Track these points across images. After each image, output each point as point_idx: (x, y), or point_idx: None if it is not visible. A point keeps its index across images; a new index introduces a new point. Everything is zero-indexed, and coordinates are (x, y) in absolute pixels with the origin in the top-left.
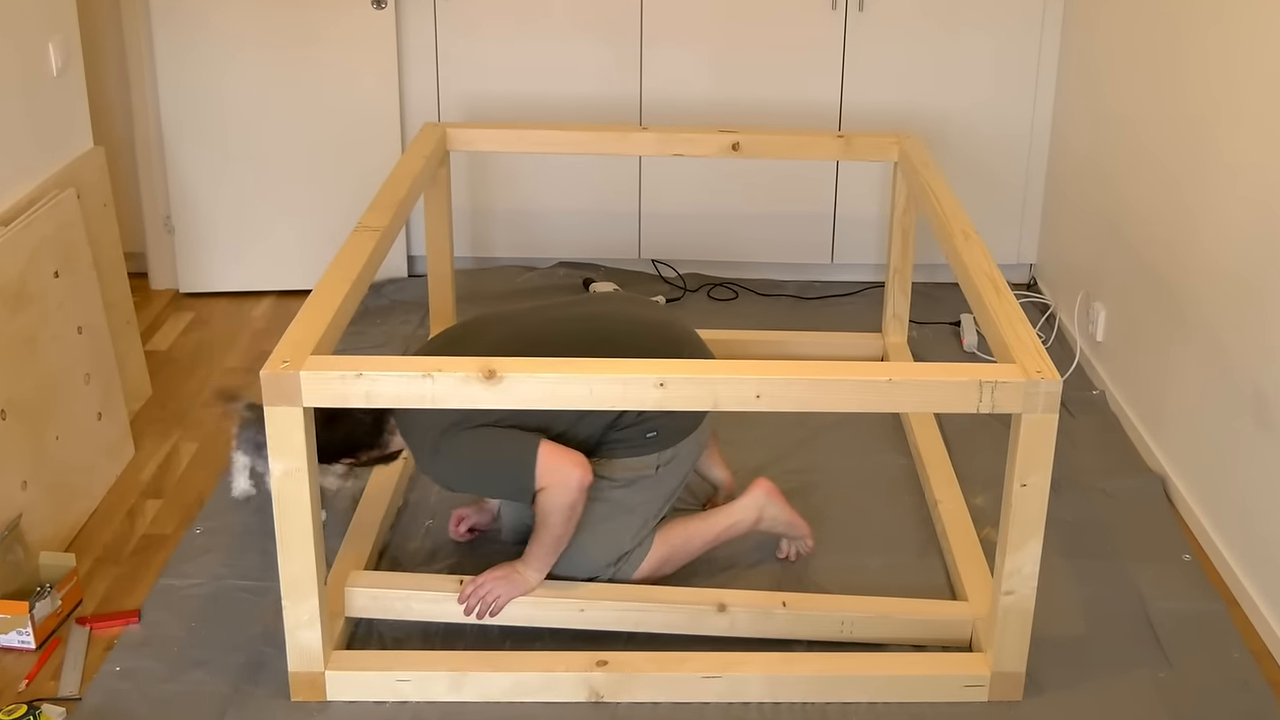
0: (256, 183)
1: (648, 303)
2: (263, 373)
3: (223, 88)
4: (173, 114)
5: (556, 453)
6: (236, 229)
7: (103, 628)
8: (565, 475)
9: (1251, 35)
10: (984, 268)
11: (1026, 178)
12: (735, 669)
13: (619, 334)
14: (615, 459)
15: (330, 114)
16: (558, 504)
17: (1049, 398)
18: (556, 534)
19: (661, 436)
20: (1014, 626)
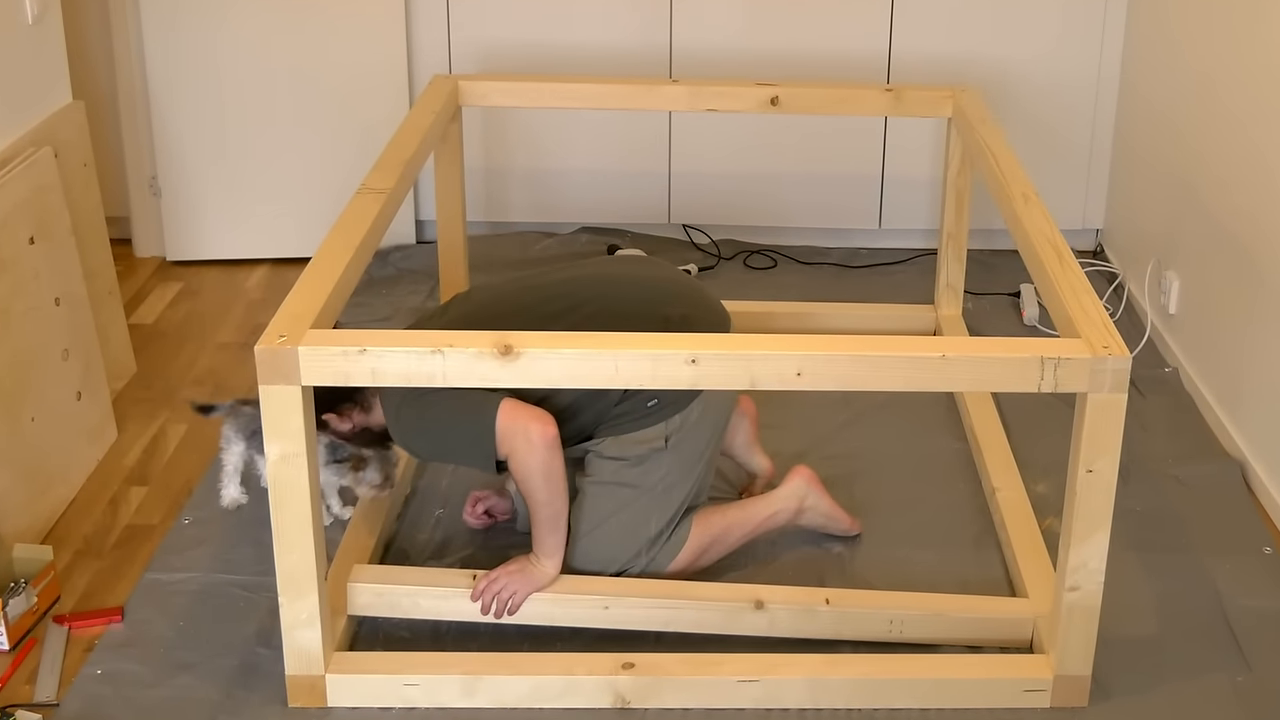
0: (251, 141)
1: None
2: (257, 348)
3: (214, 36)
4: (159, 65)
5: (514, 410)
6: (229, 191)
7: (82, 627)
8: (525, 431)
9: None
10: (1046, 233)
11: (1093, 135)
12: (774, 672)
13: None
14: (621, 435)
15: (331, 65)
16: (529, 468)
17: (1117, 376)
18: (545, 505)
19: (663, 403)
20: (1079, 626)
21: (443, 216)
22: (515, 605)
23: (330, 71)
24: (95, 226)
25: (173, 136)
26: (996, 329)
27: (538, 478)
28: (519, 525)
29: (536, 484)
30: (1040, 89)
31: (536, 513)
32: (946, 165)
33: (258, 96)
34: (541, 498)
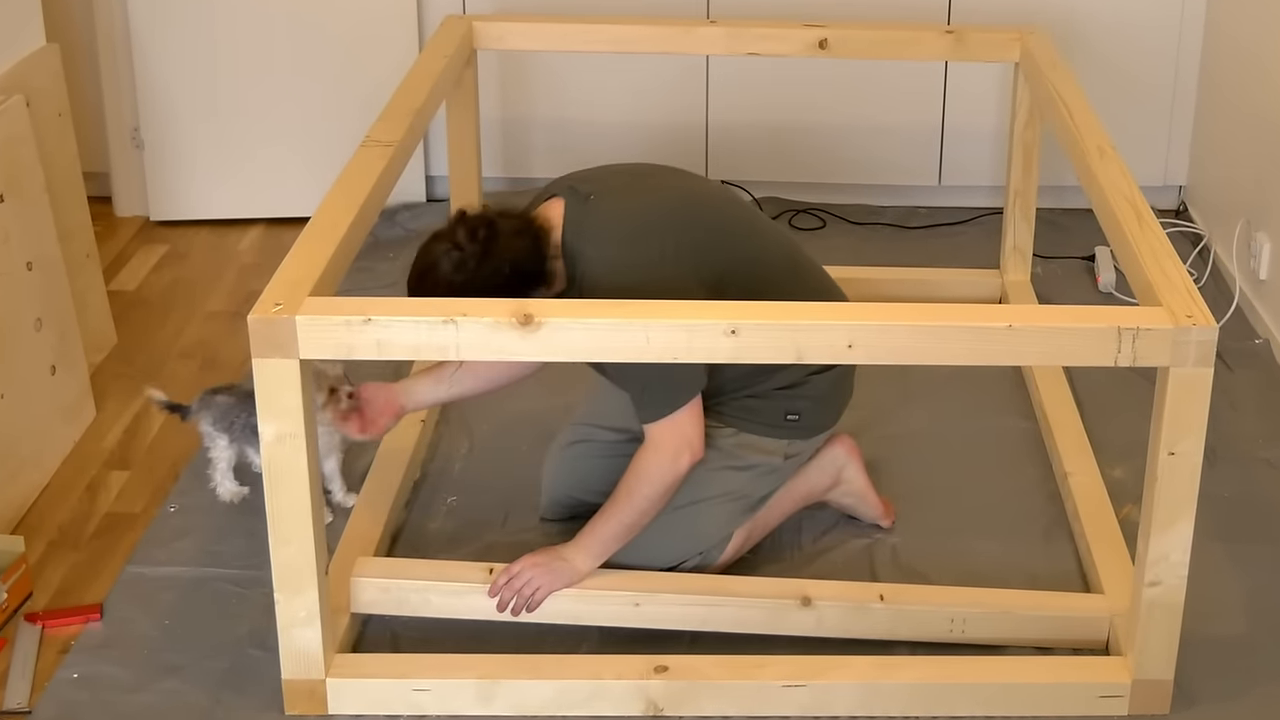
0: (244, 88)
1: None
2: (251, 318)
3: None
4: (143, 4)
5: (698, 419)
6: (219, 144)
7: (57, 626)
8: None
9: None
10: (1124, 191)
11: (1175, 81)
12: (822, 676)
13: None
14: (742, 433)
15: (333, 5)
16: (659, 478)
17: (1202, 348)
18: (637, 514)
19: (803, 423)
20: (1160, 624)
21: (455, 172)
22: (537, 602)
23: (332, 12)
24: (71, 183)
25: (157, 84)
26: (1069, 296)
27: (658, 489)
28: (543, 511)
29: (650, 493)
30: (1117, 29)
31: (618, 513)
32: (1013, 115)
33: (252, 39)
34: (642, 506)
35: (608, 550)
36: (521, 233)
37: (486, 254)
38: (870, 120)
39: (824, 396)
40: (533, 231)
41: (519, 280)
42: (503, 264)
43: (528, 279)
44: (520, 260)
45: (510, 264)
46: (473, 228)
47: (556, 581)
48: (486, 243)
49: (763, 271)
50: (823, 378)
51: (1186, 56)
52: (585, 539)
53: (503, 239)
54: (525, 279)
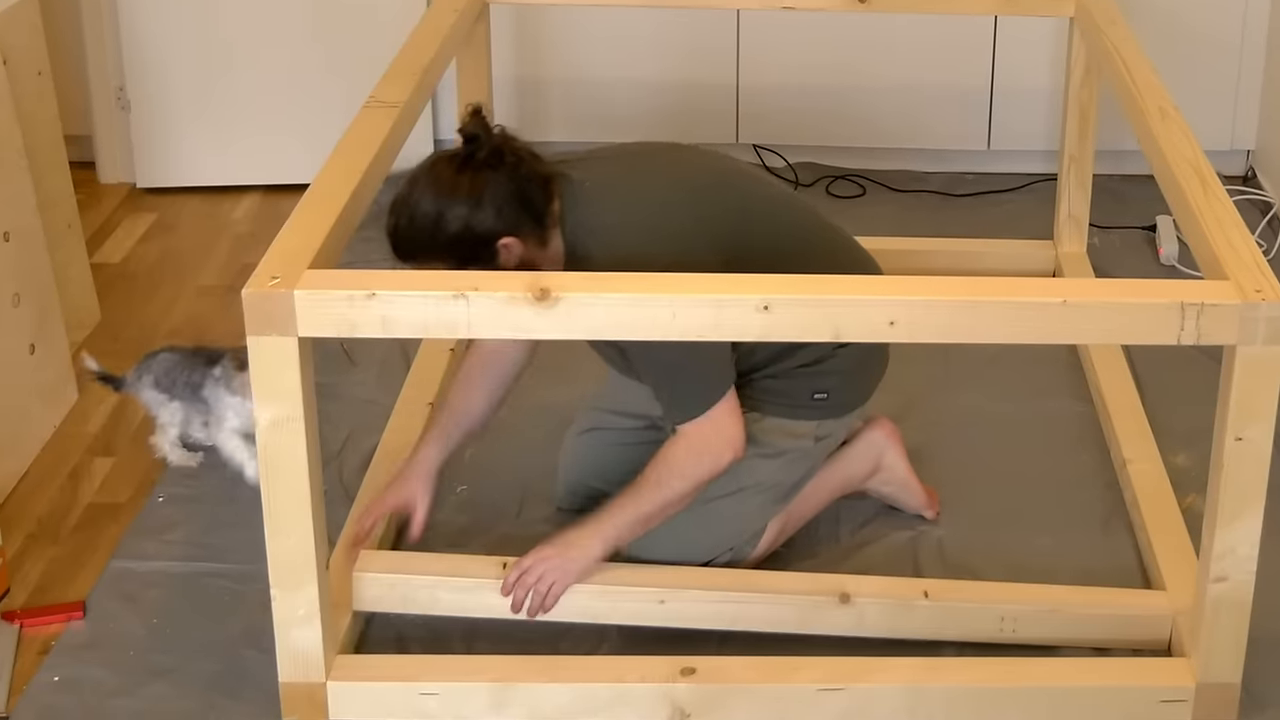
0: (238, 45)
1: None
2: (246, 292)
3: None
4: None
5: (736, 414)
6: (211, 106)
7: (37, 625)
8: (731, 442)
9: None
10: (1188, 155)
11: (1243, 38)
12: (863, 679)
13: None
14: (768, 417)
15: None
16: (694, 474)
17: (1272, 325)
18: (660, 509)
19: (831, 401)
20: (1227, 624)
21: None
22: (554, 599)
23: None
24: (52, 147)
25: (144, 40)
26: (1128, 269)
27: (691, 484)
28: (558, 500)
29: (681, 488)
30: None
31: (640, 501)
32: (1068, 75)
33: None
34: (670, 498)
35: (625, 539)
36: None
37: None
38: (914, 80)
39: (853, 371)
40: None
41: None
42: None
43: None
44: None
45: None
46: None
47: (570, 575)
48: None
49: (786, 246)
50: (849, 350)
51: (1255, 10)
52: (603, 525)
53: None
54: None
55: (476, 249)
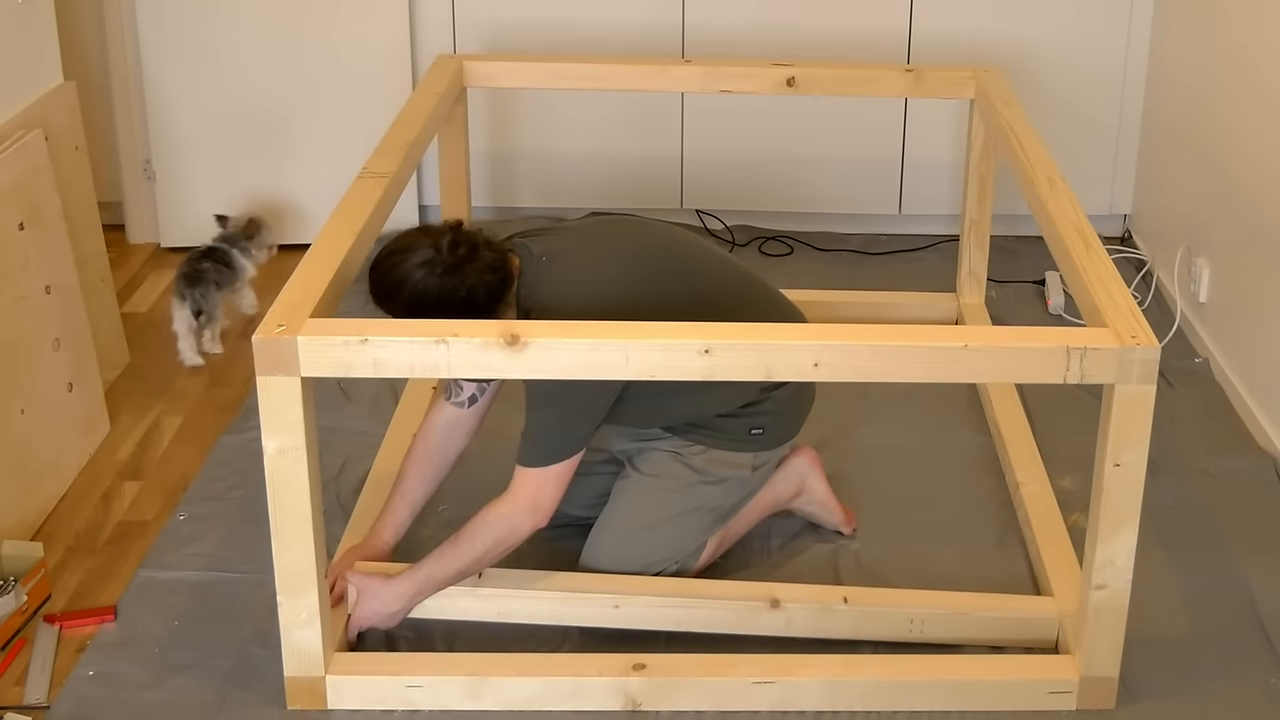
0: (248, 123)
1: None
2: (255, 338)
3: (210, 15)
4: (153, 44)
5: (558, 484)
6: (225, 176)
7: (74, 626)
8: (534, 508)
9: None
10: (1072, 219)
11: (1121, 116)
12: (790, 673)
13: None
14: (711, 449)
15: (332, 45)
16: (502, 532)
17: (1145, 366)
18: (469, 564)
19: (766, 436)
20: (1106, 625)
21: (447, 201)
22: (362, 620)
23: (331, 51)
24: (87, 212)
25: (167, 119)
26: (1021, 318)
27: (498, 542)
28: None
29: (490, 542)
30: (1066, 68)
31: (455, 558)
32: (969, 148)
33: (255, 77)
34: (478, 554)
35: (434, 590)
36: (495, 269)
37: (454, 269)
38: (835, 153)
39: (783, 410)
40: (502, 271)
41: (467, 306)
42: (461, 286)
43: (475, 310)
44: (478, 291)
45: (468, 289)
46: (456, 241)
47: (383, 615)
48: (461, 261)
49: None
50: (780, 393)
51: (1131, 93)
52: (420, 573)
53: (476, 265)
54: (473, 308)
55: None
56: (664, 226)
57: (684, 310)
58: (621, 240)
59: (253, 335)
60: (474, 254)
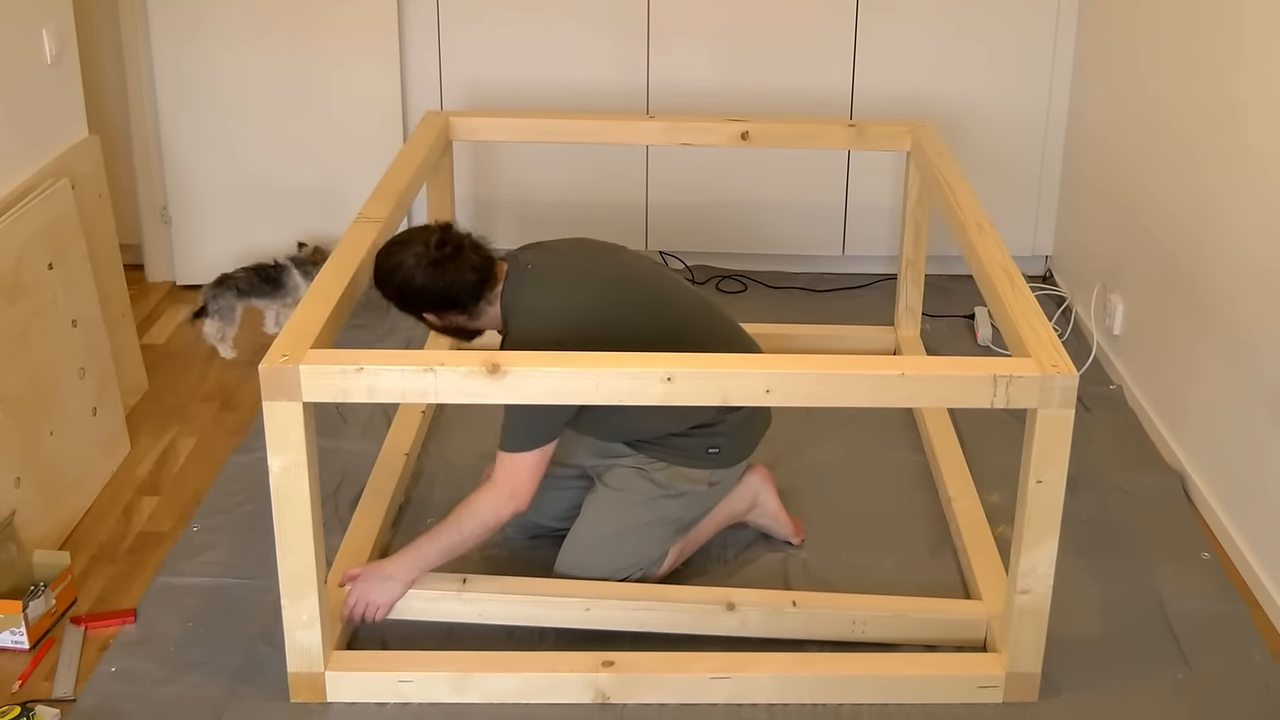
0: (255, 172)
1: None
2: (262, 367)
3: (220, 74)
4: (170, 102)
5: (534, 471)
6: (234, 220)
7: (98, 627)
8: (514, 491)
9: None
10: (998, 260)
11: (1042, 167)
12: (744, 669)
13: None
14: (672, 466)
15: (331, 102)
16: (486, 515)
17: (1065, 392)
18: (458, 543)
19: (722, 455)
20: (1029, 626)
21: None
22: (378, 610)
23: (330, 108)
24: (110, 253)
25: (182, 169)
26: (952, 349)
27: (483, 524)
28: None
29: (475, 526)
30: (993, 123)
31: (445, 538)
32: (905, 196)
33: (261, 132)
34: (465, 536)
35: (428, 567)
36: (476, 269)
37: (438, 265)
38: (784, 199)
39: (737, 432)
40: (485, 274)
41: (446, 299)
42: (442, 280)
43: (453, 303)
44: (456, 287)
45: (448, 283)
46: (443, 240)
47: (385, 595)
48: (445, 258)
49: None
50: (735, 416)
51: (1052, 145)
52: (411, 554)
53: (459, 262)
54: (452, 302)
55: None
56: (643, 257)
57: (651, 333)
58: (602, 262)
59: (259, 364)
60: (458, 253)
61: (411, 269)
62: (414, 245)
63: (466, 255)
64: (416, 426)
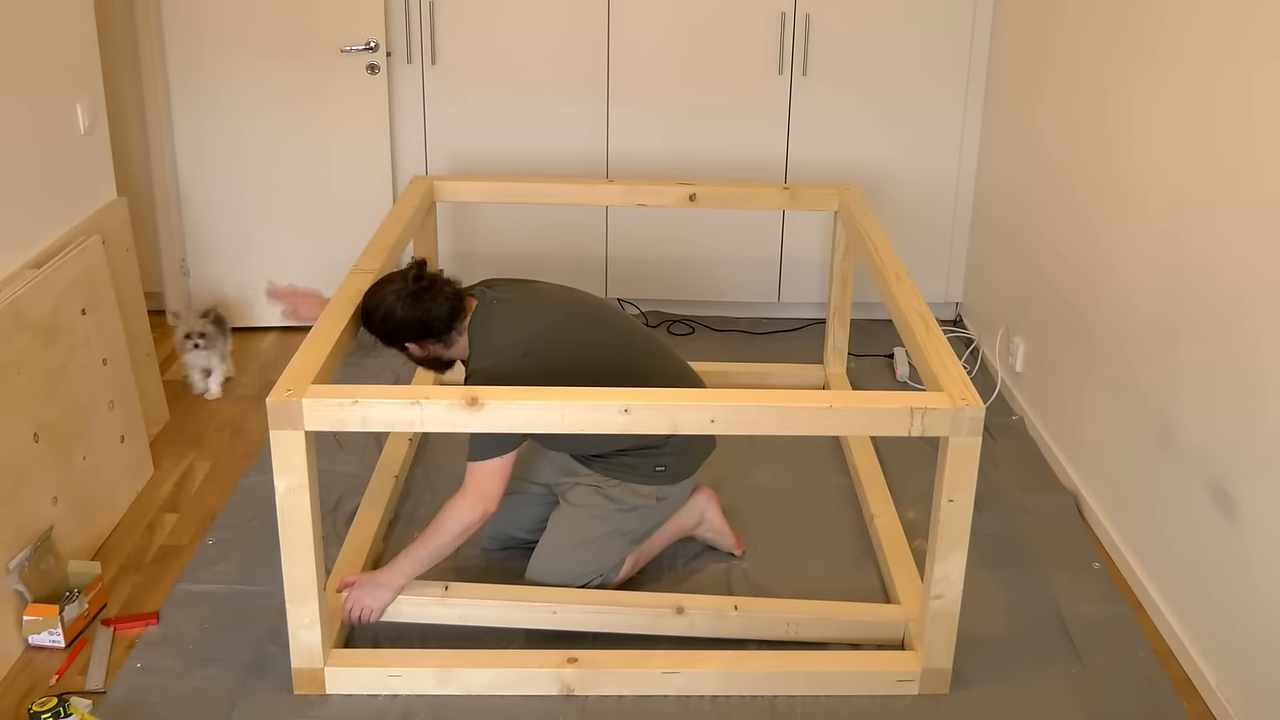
0: (263, 230)
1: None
2: (269, 400)
3: (234, 143)
4: (188, 167)
5: (498, 477)
6: (245, 271)
7: (125, 628)
8: (482, 496)
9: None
10: (915, 306)
11: (953, 224)
12: (692, 666)
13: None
14: (624, 482)
15: (330, 168)
16: (459, 519)
17: (973, 422)
18: (439, 548)
19: (668, 473)
20: (941, 627)
21: None
22: (373, 613)
23: (329, 173)
24: (135, 300)
25: (200, 226)
26: (874, 384)
27: (458, 528)
28: (484, 542)
29: (452, 528)
30: (910, 185)
31: (427, 544)
32: (833, 250)
33: (269, 193)
34: (445, 539)
35: (415, 573)
36: (449, 300)
37: (416, 295)
38: (727, 253)
39: (681, 452)
40: (455, 306)
41: (423, 329)
42: (419, 310)
43: (429, 332)
44: (433, 317)
45: (425, 314)
46: (419, 276)
47: (378, 600)
48: (420, 291)
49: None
50: (678, 438)
51: (961, 206)
52: (400, 564)
53: (434, 293)
54: (429, 331)
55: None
56: (603, 301)
57: (603, 365)
58: (563, 300)
59: (266, 398)
60: (433, 287)
61: (393, 303)
62: (394, 282)
63: (440, 287)
64: (404, 452)
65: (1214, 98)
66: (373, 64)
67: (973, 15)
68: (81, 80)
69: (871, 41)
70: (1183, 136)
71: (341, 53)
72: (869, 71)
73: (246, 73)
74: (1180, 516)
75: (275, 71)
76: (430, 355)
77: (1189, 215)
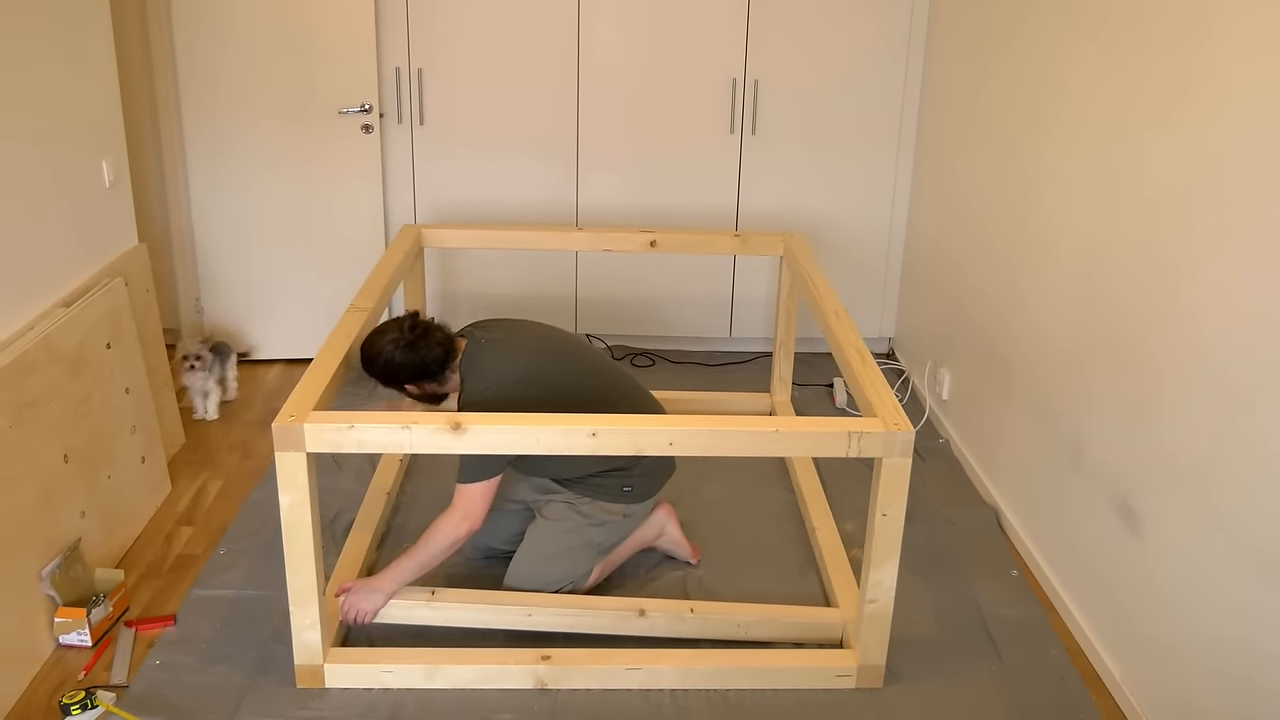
0: (270, 271)
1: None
2: (274, 425)
3: (243, 194)
4: (203, 217)
5: (484, 499)
6: (254, 310)
7: (145, 629)
8: (468, 515)
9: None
10: (852, 341)
11: (886, 266)
12: (653, 662)
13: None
14: (595, 501)
15: (329, 217)
16: (446, 534)
17: (904, 445)
18: (427, 560)
19: (634, 493)
20: (876, 628)
21: None
22: (366, 616)
23: (328, 222)
24: (155, 335)
25: (213, 269)
26: (816, 411)
27: (445, 542)
28: (468, 552)
29: (440, 542)
30: (848, 232)
31: (417, 556)
32: (780, 290)
33: (274, 239)
34: (433, 552)
35: (405, 580)
36: (442, 344)
37: (412, 345)
38: (684, 293)
39: (646, 475)
40: (448, 348)
41: (421, 371)
42: (416, 356)
43: (427, 374)
44: (428, 361)
45: (421, 358)
46: (415, 325)
47: (372, 604)
48: (416, 339)
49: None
50: (644, 462)
51: (894, 251)
52: (392, 571)
53: (427, 342)
54: (425, 373)
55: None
56: (576, 337)
57: (578, 394)
58: (542, 338)
59: (272, 424)
60: (426, 334)
61: (391, 351)
62: (390, 332)
63: (433, 334)
64: (396, 471)
65: (1115, 155)
66: (367, 124)
67: (904, 81)
68: (106, 140)
69: (814, 104)
70: (1090, 188)
71: (339, 114)
72: (812, 131)
73: (254, 131)
74: (1089, 528)
75: (280, 130)
76: (426, 393)
77: (1097, 258)
